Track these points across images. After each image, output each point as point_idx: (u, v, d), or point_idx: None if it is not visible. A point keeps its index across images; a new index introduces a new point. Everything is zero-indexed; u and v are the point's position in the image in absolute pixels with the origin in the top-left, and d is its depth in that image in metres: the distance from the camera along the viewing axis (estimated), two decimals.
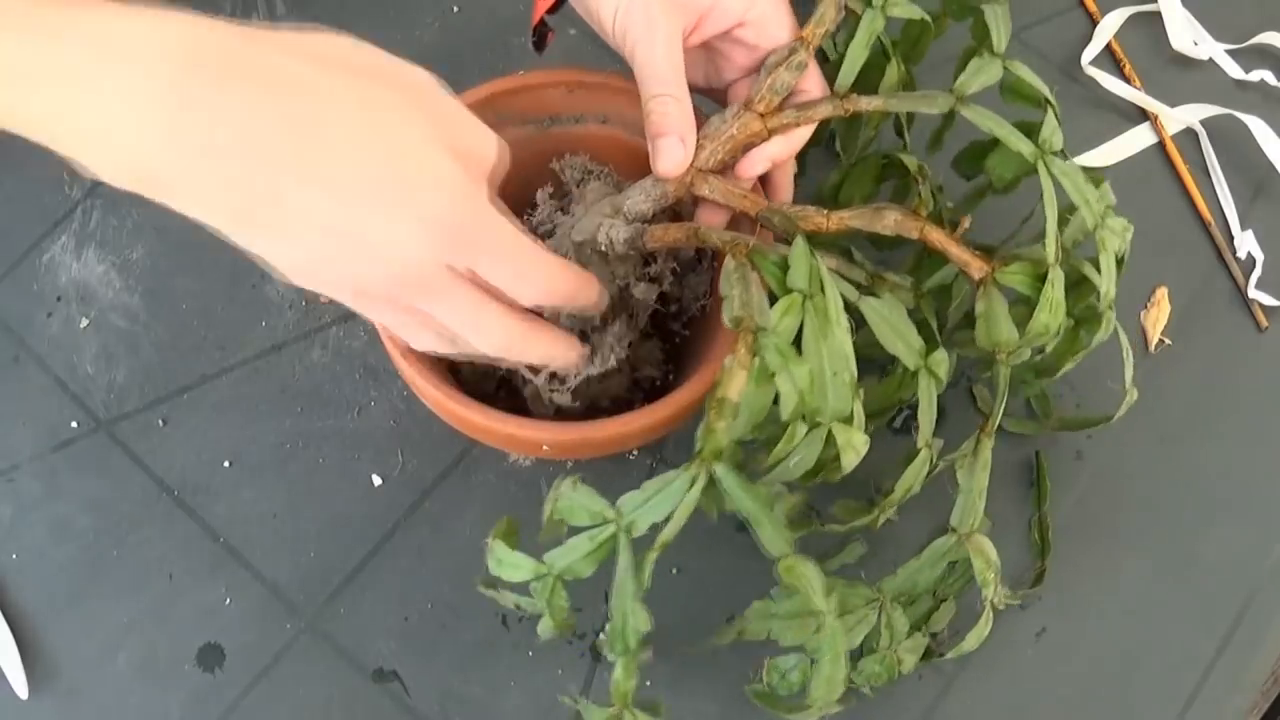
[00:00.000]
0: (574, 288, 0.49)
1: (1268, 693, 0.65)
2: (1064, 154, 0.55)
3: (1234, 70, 0.78)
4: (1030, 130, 0.55)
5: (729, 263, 0.50)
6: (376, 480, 0.65)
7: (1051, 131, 0.54)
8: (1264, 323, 0.72)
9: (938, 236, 0.54)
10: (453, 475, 0.66)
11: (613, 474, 0.66)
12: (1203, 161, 0.76)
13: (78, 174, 0.69)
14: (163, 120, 0.38)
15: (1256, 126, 0.76)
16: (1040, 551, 0.65)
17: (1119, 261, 0.56)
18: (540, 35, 0.62)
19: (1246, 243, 0.73)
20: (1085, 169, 0.56)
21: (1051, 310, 0.53)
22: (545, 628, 0.51)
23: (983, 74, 0.55)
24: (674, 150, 0.54)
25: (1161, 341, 0.71)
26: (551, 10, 0.59)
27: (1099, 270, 0.55)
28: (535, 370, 0.58)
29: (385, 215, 0.41)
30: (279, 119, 0.39)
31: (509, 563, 0.48)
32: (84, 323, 0.69)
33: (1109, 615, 0.64)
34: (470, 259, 0.44)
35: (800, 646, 0.50)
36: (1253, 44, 0.79)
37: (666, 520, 0.45)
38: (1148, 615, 0.64)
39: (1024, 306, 0.54)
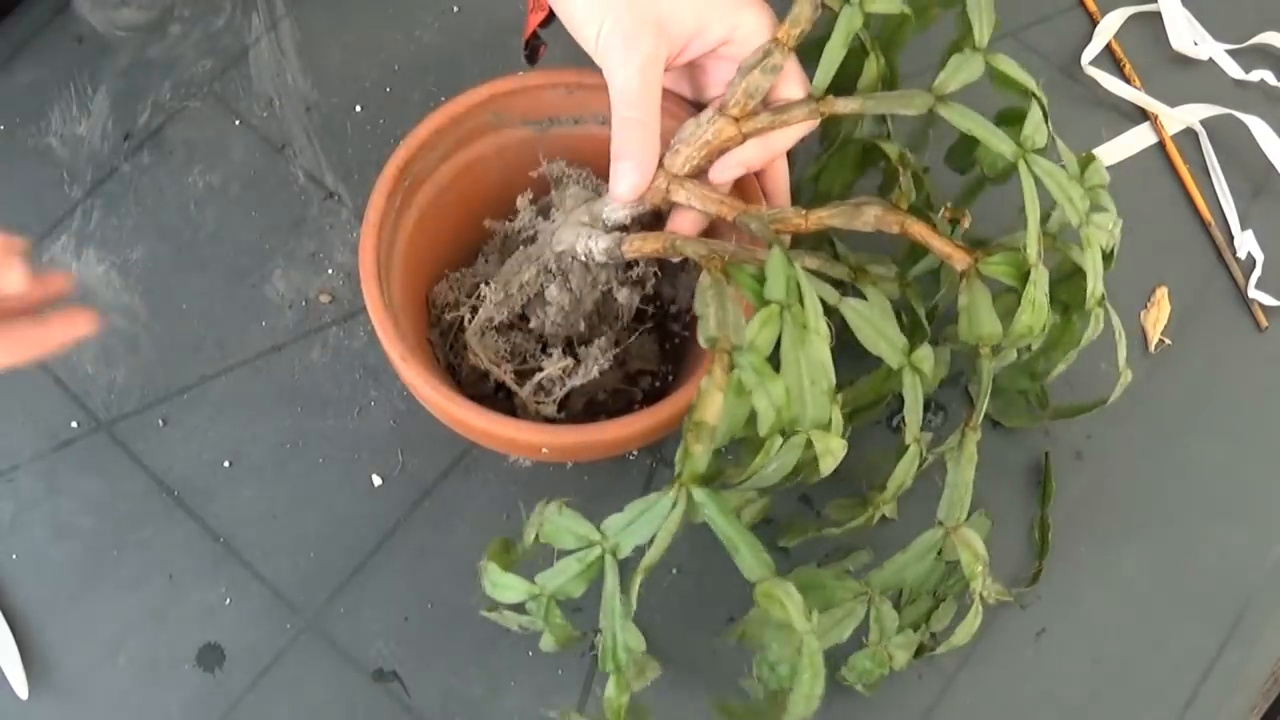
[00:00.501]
0: None
1: (1268, 693, 0.65)
2: (1053, 140, 0.54)
3: (1234, 70, 0.78)
4: (1019, 118, 0.54)
5: (703, 279, 0.49)
6: (376, 480, 0.65)
7: (1034, 129, 0.53)
8: (1264, 323, 0.72)
9: (919, 230, 0.53)
10: (453, 475, 0.66)
11: (613, 474, 0.66)
12: (1203, 161, 0.76)
13: (78, 174, 0.69)
14: None
15: (1256, 126, 0.76)
16: (1040, 552, 0.65)
17: (1108, 256, 0.56)
18: (533, 49, 0.62)
19: (1246, 243, 0.73)
20: (1078, 156, 0.55)
21: (1034, 311, 0.52)
22: (547, 643, 0.51)
23: (963, 71, 0.54)
24: (628, 176, 0.54)
25: (1161, 341, 0.71)
26: (544, 24, 0.59)
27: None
28: (521, 382, 0.58)
29: None
30: None
31: (502, 584, 0.49)
32: None
33: (1109, 615, 0.64)
34: None
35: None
36: (1253, 44, 0.79)
37: (651, 541, 0.46)
38: (1148, 615, 0.64)
39: (1012, 295, 0.54)
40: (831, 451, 0.48)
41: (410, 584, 0.63)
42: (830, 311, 0.50)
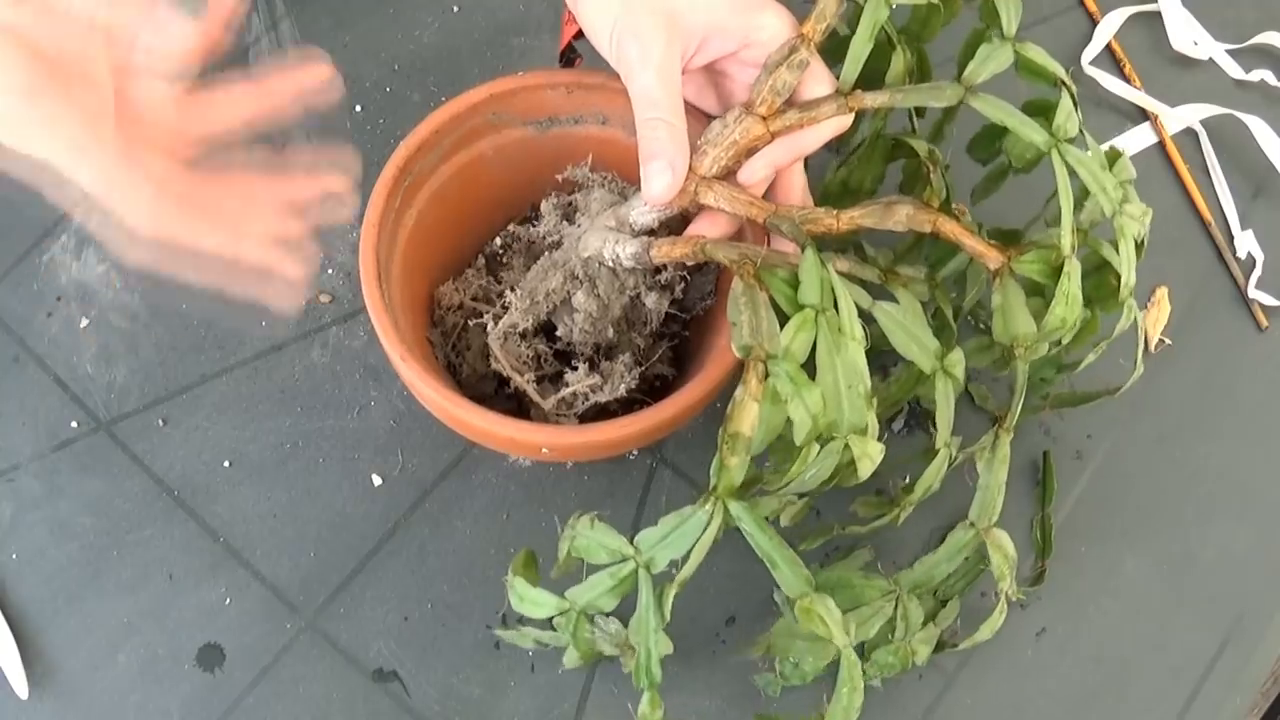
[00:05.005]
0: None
1: (1268, 693, 0.65)
2: (1082, 133, 0.54)
3: (1234, 70, 0.78)
4: (1045, 110, 0.53)
5: (736, 285, 0.48)
6: (376, 480, 0.65)
7: (1066, 117, 0.53)
8: (1264, 323, 0.72)
9: (952, 229, 0.53)
10: (453, 475, 0.66)
11: (613, 475, 0.66)
12: (1203, 161, 0.76)
13: None
14: None
15: (1256, 126, 0.76)
16: (1042, 551, 0.64)
17: (1138, 246, 0.55)
18: (568, 60, 0.62)
19: (1246, 243, 0.73)
20: (1105, 150, 0.55)
21: (1068, 304, 0.52)
22: (571, 659, 0.51)
23: (992, 60, 0.54)
24: (662, 177, 0.53)
25: (1161, 341, 0.71)
26: (578, 36, 0.59)
27: (1118, 252, 0.54)
28: (542, 391, 0.58)
29: None
30: None
31: (530, 599, 0.47)
32: (84, 323, 0.69)
33: (1109, 615, 0.64)
34: None
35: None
36: (1253, 44, 0.79)
37: (685, 555, 0.45)
38: (1148, 615, 0.64)
39: (1039, 298, 0.53)
40: (869, 456, 0.48)
41: (410, 584, 0.63)
42: (862, 315, 0.49)
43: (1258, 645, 0.64)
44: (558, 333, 0.59)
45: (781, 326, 0.47)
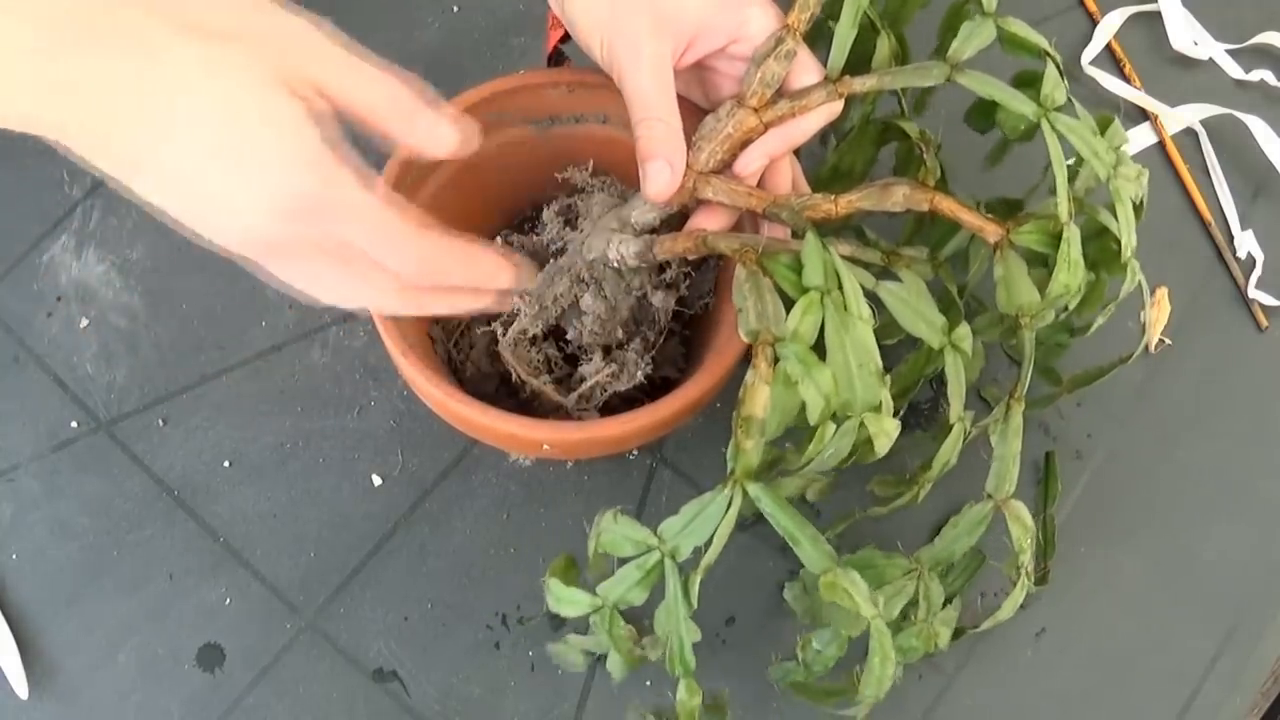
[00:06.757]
0: (455, 263, 0.47)
1: (1268, 693, 0.65)
2: (1071, 101, 0.54)
3: (1234, 70, 0.78)
4: (1033, 81, 0.54)
5: (740, 273, 0.49)
6: (376, 480, 0.65)
7: (1053, 86, 0.53)
8: (1264, 323, 0.72)
9: (949, 205, 0.53)
10: (453, 475, 0.66)
11: (613, 475, 0.66)
12: (1203, 161, 0.76)
13: (78, 174, 0.69)
14: (32, 73, 0.40)
15: (1256, 126, 0.76)
16: (1044, 551, 0.64)
17: (1138, 208, 0.56)
18: (557, 64, 0.62)
19: (1246, 243, 0.73)
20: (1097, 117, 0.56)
21: (1070, 270, 0.52)
22: (615, 665, 0.51)
23: (976, 37, 0.54)
24: (660, 174, 0.53)
25: (1161, 341, 0.71)
26: (564, 40, 0.59)
27: (1115, 216, 0.54)
28: (560, 390, 0.58)
29: (232, 182, 0.42)
30: (131, 83, 0.40)
31: (565, 599, 0.48)
32: (84, 323, 0.69)
33: (1109, 615, 0.64)
34: (330, 230, 0.44)
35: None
36: (1253, 44, 0.79)
37: (708, 542, 0.45)
38: (1148, 615, 0.64)
39: (1042, 268, 0.54)
40: (886, 432, 0.48)
41: (410, 584, 0.63)
42: (868, 295, 0.50)
43: (1258, 645, 0.64)
44: (568, 336, 0.59)
45: (787, 311, 0.47)
